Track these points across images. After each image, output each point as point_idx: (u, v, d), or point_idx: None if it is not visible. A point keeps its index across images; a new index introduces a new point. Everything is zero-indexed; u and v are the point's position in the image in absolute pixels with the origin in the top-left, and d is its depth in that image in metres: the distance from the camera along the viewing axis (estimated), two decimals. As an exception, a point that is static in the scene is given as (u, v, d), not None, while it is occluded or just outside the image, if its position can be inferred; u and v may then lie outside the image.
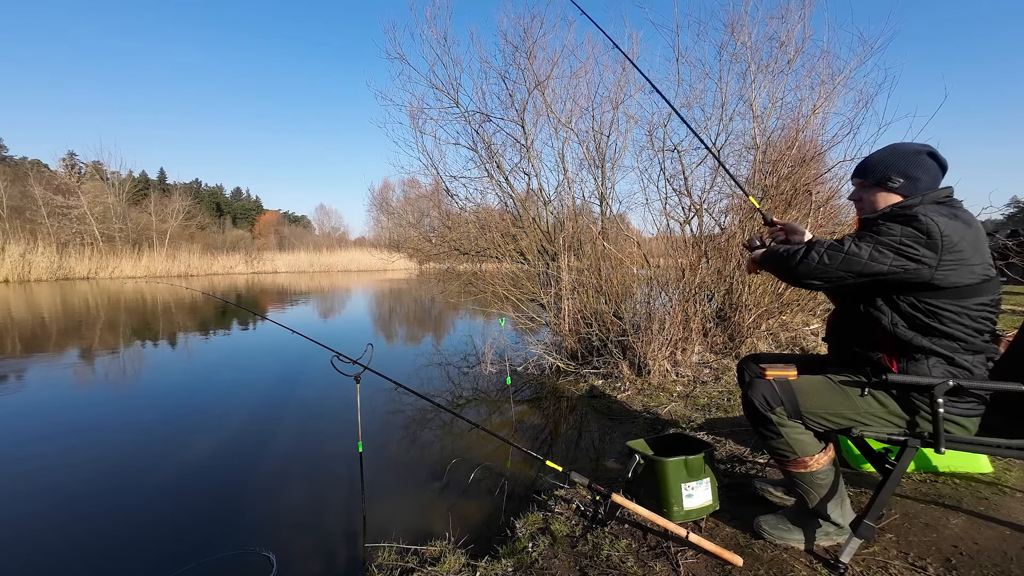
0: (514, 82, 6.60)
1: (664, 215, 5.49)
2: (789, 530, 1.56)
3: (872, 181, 1.45)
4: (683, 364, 4.06)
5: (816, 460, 1.45)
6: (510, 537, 1.89)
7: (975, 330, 1.31)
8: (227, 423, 3.72)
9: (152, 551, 2.11)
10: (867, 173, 1.46)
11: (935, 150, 1.39)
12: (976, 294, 1.28)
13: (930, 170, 1.38)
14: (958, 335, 1.30)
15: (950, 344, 1.31)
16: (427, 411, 3.82)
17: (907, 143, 1.45)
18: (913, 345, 1.32)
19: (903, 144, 1.45)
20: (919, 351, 1.33)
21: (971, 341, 1.31)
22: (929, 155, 1.38)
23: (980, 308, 1.30)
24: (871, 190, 1.46)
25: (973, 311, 1.29)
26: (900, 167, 1.39)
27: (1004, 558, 1.44)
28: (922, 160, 1.38)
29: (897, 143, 1.47)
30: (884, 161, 1.43)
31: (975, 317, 1.30)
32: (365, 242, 42.63)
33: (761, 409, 1.44)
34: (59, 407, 4.12)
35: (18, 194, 27.49)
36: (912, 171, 1.38)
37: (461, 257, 8.28)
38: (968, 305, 1.29)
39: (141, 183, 39.33)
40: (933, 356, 1.32)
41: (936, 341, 1.31)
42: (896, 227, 1.27)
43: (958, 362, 1.31)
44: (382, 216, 28.48)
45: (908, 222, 1.26)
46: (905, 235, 1.25)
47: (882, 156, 1.44)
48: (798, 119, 5.01)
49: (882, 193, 1.43)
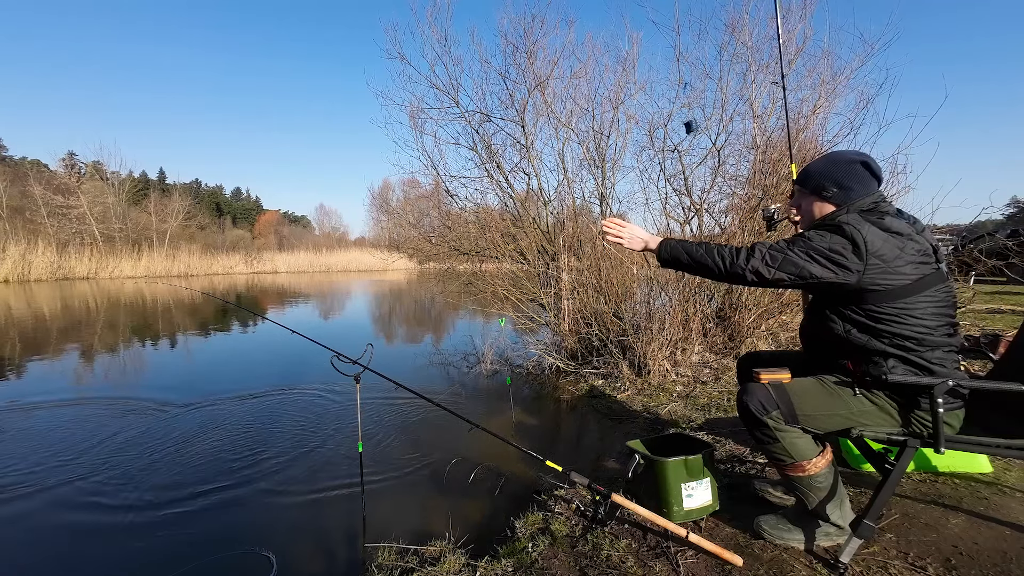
0: (514, 82, 6.60)
1: (664, 215, 5.50)
2: (789, 530, 1.56)
3: (809, 189, 1.52)
4: (683, 364, 4.06)
5: (814, 464, 1.45)
6: (510, 537, 1.89)
7: (925, 327, 1.34)
8: (227, 423, 3.72)
9: (152, 551, 2.11)
10: (806, 181, 1.52)
11: (869, 159, 1.43)
12: (912, 293, 1.33)
13: (863, 179, 1.43)
14: (908, 334, 1.33)
15: (904, 343, 1.34)
16: (427, 411, 3.82)
17: (845, 152, 1.50)
18: (869, 349, 1.37)
19: (840, 153, 1.51)
20: (876, 354, 1.37)
21: (924, 338, 1.34)
22: (863, 164, 1.43)
23: (924, 305, 1.33)
24: (808, 197, 1.53)
25: (917, 309, 1.33)
26: (834, 177, 1.45)
27: (1004, 558, 1.44)
28: (855, 170, 1.43)
29: (835, 151, 1.54)
30: (821, 171, 1.48)
31: (920, 315, 1.33)
32: (365, 242, 42.64)
33: (757, 413, 1.44)
34: (59, 407, 4.12)
35: (18, 194, 27.49)
36: (845, 181, 1.43)
37: (461, 257, 8.26)
38: (909, 304, 1.33)
39: (141, 183, 39.36)
40: (891, 358, 1.35)
41: (890, 342, 1.35)
42: (826, 235, 1.36)
43: (915, 361, 1.34)
44: (382, 216, 28.52)
45: (835, 231, 1.35)
46: (834, 242, 1.33)
47: (819, 166, 1.50)
48: (798, 119, 5.01)
49: (817, 202, 1.50)
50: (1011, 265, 7.05)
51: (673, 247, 1.54)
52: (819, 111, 5.01)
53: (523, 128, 6.65)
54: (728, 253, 1.44)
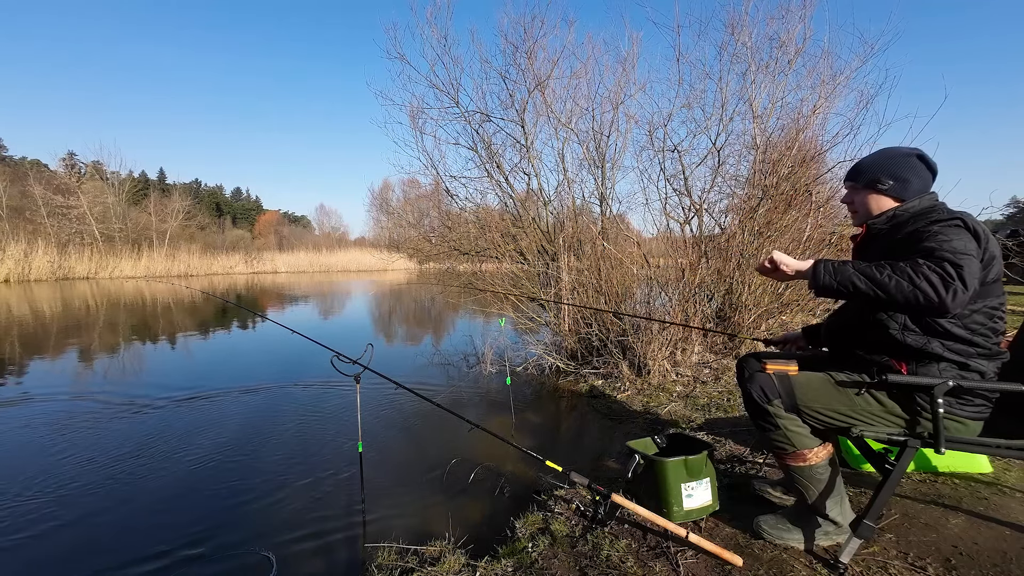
0: (514, 82, 6.59)
1: (664, 215, 5.49)
2: (789, 530, 1.56)
3: (863, 183, 1.48)
4: (683, 364, 4.06)
5: (815, 453, 1.46)
6: (510, 537, 1.89)
7: (991, 330, 1.31)
8: (227, 423, 3.72)
9: (152, 551, 2.10)
10: (858, 176, 1.50)
11: (924, 153, 1.42)
12: (992, 294, 1.29)
13: (920, 172, 1.41)
14: (975, 339, 1.29)
15: (965, 349, 1.30)
16: (427, 411, 3.82)
17: (898, 147, 1.49)
18: (924, 351, 1.32)
19: (893, 148, 1.49)
20: (930, 357, 1.32)
21: (986, 345, 1.30)
22: (919, 158, 1.41)
23: (994, 308, 1.31)
24: (862, 192, 1.49)
25: (988, 311, 1.30)
26: (890, 169, 1.42)
27: (1004, 558, 1.44)
28: (912, 163, 1.41)
29: (888, 147, 1.51)
30: (875, 164, 1.46)
31: (991, 316, 1.31)
32: (365, 242, 42.63)
33: (759, 401, 1.46)
34: (58, 407, 4.12)
35: (18, 194, 27.46)
36: (902, 173, 1.41)
37: (461, 257, 8.26)
38: (986, 304, 1.29)
39: (141, 183, 39.34)
40: (944, 361, 1.31)
41: (950, 346, 1.30)
42: (950, 230, 1.23)
43: (972, 367, 1.31)
44: (382, 216, 28.52)
45: (951, 224, 1.25)
46: (964, 236, 1.22)
47: (873, 159, 1.48)
48: (798, 119, 5.01)
49: (873, 195, 1.46)
50: (1011, 265, 7.07)
51: (839, 269, 1.27)
52: (819, 111, 5.01)
53: (523, 128, 6.64)
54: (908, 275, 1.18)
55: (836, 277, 1.26)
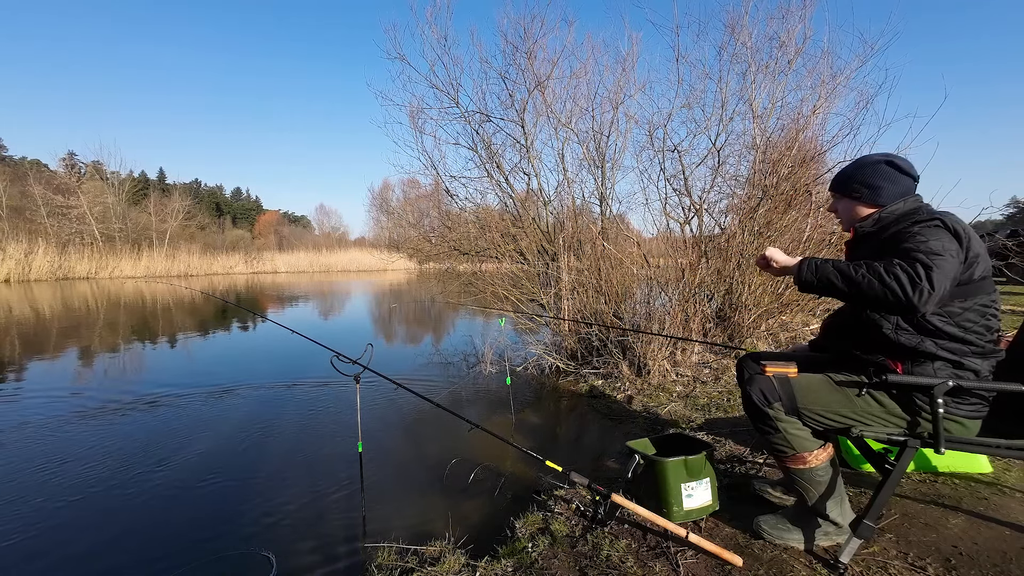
0: (514, 82, 6.60)
1: (664, 215, 5.49)
2: (788, 530, 1.56)
3: (841, 192, 1.55)
4: (683, 364, 4.06)
5: (815, 456, 1.46)
6: (510, 537, 1.89)
7: (985, 327, 1.32)
8: (227, 423, 3.72)
9: (152, 551, 2.11)
10: (837, 186, 1.56)
11: (894, 157, 1.46)
12: (982, 291, 1.30)
13: (891, 177, 1.44)
14: (968, 337, 1.30)
15: (958, 347, 1.31)
16: (427, 411, 3.82)
17: (870, 155, 1.53)
18: (918, 351, 1.32)
19: (866, 156, 1.54)
20: (924, 356, 1.33)
21: (979, 343, 1.31)
22: (887, 164, 1.45)
23: (986, 306, 1.31)
24: (843, 201, 1.55)
25: (979, 308, 1.31)
26: (860, 178, 1.48)
27: (1004, 558, 1.44)
28: (881, 169, 1.45)
29: (863, 155, 1.57)
30: (849, 174, 1.52)
31: (983, 314, 1.31)
32: (365, 242, 42.61)
33: (759, 404, 1.46)
34: (58, 407, 4.12)
35: (18, 194, 27.47)
36: (872, 180, 1.45)
37: (461, 257, 8.26)
38: (976, 302, 1.30)
39: (141, 183, 39.35)
40: (939, 360, 1.32)
41: (943, 344, 1.31)
42: (928, 231, 1.25)
43: (966, 365, 1.31)
44: (382, 216, 28.52)
45: (930, 225, 1.27)
46: (943, 237, 1.25)
47: (848, 169, 1.55)
48: (798, 119, 5.01)
49: (851, 203, 1.52)
50: (1011, 265, 7.06)
51: (821, 267, 1.32)
52: (819, 111, 5.02)
53: (523, 128, 6.65)
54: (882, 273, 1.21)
55: (816, 274, 1.32)
